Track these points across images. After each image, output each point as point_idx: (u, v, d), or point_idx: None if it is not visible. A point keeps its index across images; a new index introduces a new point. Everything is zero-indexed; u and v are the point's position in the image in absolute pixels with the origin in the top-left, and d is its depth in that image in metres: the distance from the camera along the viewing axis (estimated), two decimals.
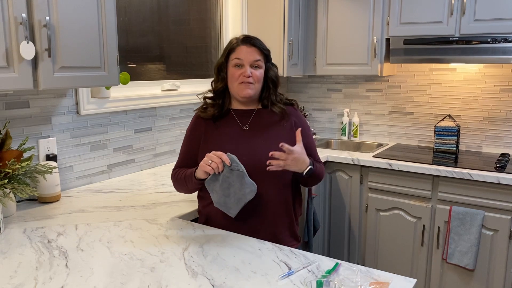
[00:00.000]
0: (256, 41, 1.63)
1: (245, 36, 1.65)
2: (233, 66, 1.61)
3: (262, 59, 1.63)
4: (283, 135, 1.65)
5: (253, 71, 1.60)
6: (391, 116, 3.30)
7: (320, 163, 1.74)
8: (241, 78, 1.60)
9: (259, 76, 1.62)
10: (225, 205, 1.54)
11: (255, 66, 1.61)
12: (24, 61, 1.46)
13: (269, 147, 1.56)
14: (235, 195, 1.52)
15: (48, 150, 1.98)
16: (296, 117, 1.72)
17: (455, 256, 2.49)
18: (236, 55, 1.61)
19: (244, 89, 1.61)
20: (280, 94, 1.73)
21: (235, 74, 1.61)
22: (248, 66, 1.60)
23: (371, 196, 2.80)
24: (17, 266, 1.28)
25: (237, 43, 1.62)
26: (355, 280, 1.18)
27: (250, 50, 1.61)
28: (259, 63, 1.61)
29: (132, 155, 2.42)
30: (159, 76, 2.68)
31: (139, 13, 2.52)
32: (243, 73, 1.59)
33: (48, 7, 1.51)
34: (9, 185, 1.52)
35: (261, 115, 1.68)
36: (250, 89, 1.61)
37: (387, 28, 2.91)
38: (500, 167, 2.47)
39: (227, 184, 1.51)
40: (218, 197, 1.53)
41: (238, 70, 1.60)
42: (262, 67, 1.63)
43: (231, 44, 1.64)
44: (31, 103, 1.92)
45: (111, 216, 1.72)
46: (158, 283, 1.18)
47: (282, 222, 1.66)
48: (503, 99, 2.89)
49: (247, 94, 1.61)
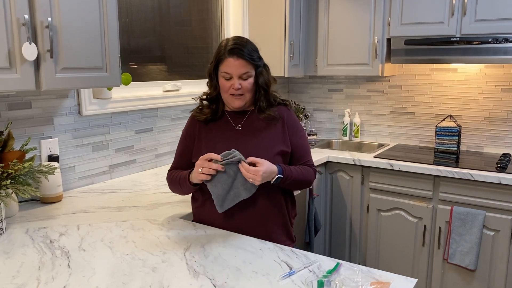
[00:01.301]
0: (243, 52, 1.57)
1: (233, 45, 1.58)
2: (222, 77, 1.61)
3: (251, 68, 1.60)
4: (275, 135, 1.66)
5: (242, 82, 1.59)
6: (392, 117, 3.31)
7: (308, 166, 1.71)
8: (231, 90, 1.60)
9: (248, 87, 1.61)
10: (222, 199, 1.54)
11: (244, 78, 1.60)
12: (26, 62, 1.47)
13: (260, 147, 1.60)
14: (236, 189, 1.53)
15: (50, 151, 1.99)
16: (288, 116, 1.71)
17: (456, 256, 2.49)
18: (224, 69, 1.59)
19: (234, 101, 1.62)
20: (274, 93, 1.72)
21: (225, 86, 1.61)
22: (237, 78, 1.59)
23: (372, 196, 2.80)
24: (19, 266, 1.29)
25: (225, 55, 1.58)
26: (356, 280, 1.19)
27: (238, 63, 1.57)
28: (247, 74, 1.60)
29: (133, 156, 2.42)
30: (160, 76, 2.68)
31: (141, 14, 2.53)
32: (232, 85, 1.59)
33: (50, 8, 1.52)
34: (12, 186, 1.53)
35: (255, 116, 1.69)
36: (241, 100, 1.62)
37: (388, 28, 2.92)
38: (501, 167, 2.47)
39: (229, 176, 1.51)
40: (220, 190, 1.54)
41: (228, 82, 1.60)
42: (252, 75, 1.62)
43: (219, 54, 1.60)
44: (33, 104, 1.92)
45: (113, 216, 1.73)
46: (159, 283, 1.18)
47: (274, 221, 1.65)
48: (504, 99, 2.89)
49: (237, 106, 1.64)
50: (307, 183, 1.71)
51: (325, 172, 2.96)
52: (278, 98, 1.73)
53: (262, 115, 1.66)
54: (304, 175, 1.67)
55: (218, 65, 1.62)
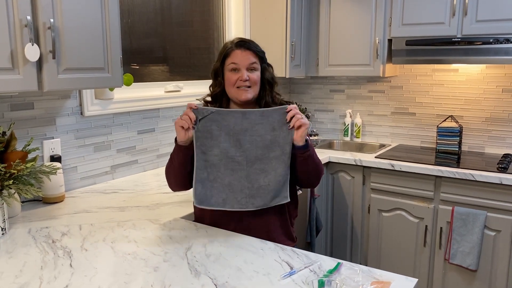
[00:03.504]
0: (250, 44, 1.63)
1: (240, 40, 1.64)
2: (230, 71, 1.62)
3: (258, 61, 1.64)
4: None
5: (249, 74, 1.61)
6: (394, 117, 3.31)
7: (318, 159, 1.69)
8: (238, 82, 1.60)
9: (256, 79, 1.62)
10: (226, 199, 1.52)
11: (251, 69, 1.61)
12: (29, 63, 1.48)
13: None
14: (242, 193, 1.51)
15: (53, 151, 2.00)
16: None
17: (457, 257, 2.49)
18: (232, 60, 1.61)
19: (242, 93, 1.61)
20: (278, 94, 1.72)
21: (232, 79, 1.61)
22: (245, 70, 1.60)
23: (374, 196, 2.80)
24: (22, 265, 1.29)
25: (232, 48, 1.62)
26: (357, 280, 1.19)
27: (245, 54, 1.61)
28: (255, 65, 1.62)
29: (135, 156, 2.43)
30: (162, 77, 2.69)
31: (143, 15, 2.54)
32: (240, 77, 1.60)
33: (52, 10, 1.53)
34: (14, 186, 1.54)
35: None
36: (249, 93, 1.62)
37: (389, 29, 2.92)
38: (502, 168, 2.47)
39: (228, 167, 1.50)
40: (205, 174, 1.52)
41: (235, 74, 1.61)
42: (258, 69, 1.64)
43: (225, 49, 1.63)
44: (36, 105, 1.93)
45: (115, 216, 1.74)
46: (161, 283, 1.19)
47: (274, 221, 1.65)
48: (506, 100, 2.88)
49: (246, 98, 1.62)
50: (319, 170, 1.66)
51: (327, 173, 2.97)
52: (283, 99, 1.73)
53: None
54: (318, 159, 1.65)
55: (225, 60, 1.63)
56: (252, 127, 1.53)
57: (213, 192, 1.53)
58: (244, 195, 1.53)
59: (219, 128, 1.52)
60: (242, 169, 1.53)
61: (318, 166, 1.65)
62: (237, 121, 1.52)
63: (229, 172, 1.53)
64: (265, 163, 1.53)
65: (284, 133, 1.52)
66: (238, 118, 1.52)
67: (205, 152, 1.53)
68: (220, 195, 1.53)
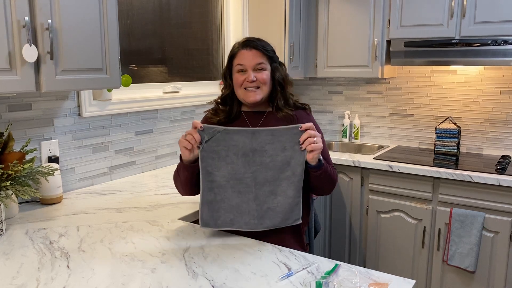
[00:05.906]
0: (257, 43, 1.59)
1: (246, 39, 1.61)
2: (237, 72, 1.59)
3: (266, 60, 1.59)
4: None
5: (257, 74, 1.57)
6: (392, 118, 3.31)
7: (332, 168, 1.66)
8: (245, 83, 1.57)
9: (265, 78, 1.57)
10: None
11: (259, 69, 1.57)
12: (27, 64, 1.47)
13: None
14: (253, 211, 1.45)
15: (50, 152, 2.00)
16: (308, 121, 1.60)
17: (455, 258, 2.49)
18: (238, 61, 1.58)
19: (250, 95, 1.58)
20: (292, 96, 1.67)
21: (238, 80, 1.58)
22: (251, 70, 1.56)
23: (372, 198, 2.80)
24: (19, 267, 1.29)
25: (238, 48, 1.59)
26: (354, 281, 1.19)
27: (251, 54, 1.57)
28: (262, 65, 1.58)
29: (133, 157, 2.43)
30: (160, 78, 2.69)
31: (141, 16, 2.54)
32: (247, 78, 1.56)
33: (50, 10, 1.53)
34: (12, 187, 1.53)
35: (272, 116, 1.64)
36: (257, 94, 1.58)
37: (388, 30, 2.92)
38: (500, 169, 2.47)
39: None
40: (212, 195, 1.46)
41: (242, 75, 1.57)
42: (267, 68, 1.59)
43: (233, 50, 1.61)
44: (34, 106, 1.93)
45: (113, 217, 1.74)
46: (159, 284, 1.18)
47: (285, 228, 1.57)
48: (504, 101, 2.89)
49: (254, 100, 1.58)
50: (333, 182, 1.63)
51: None
52: (297, 101, 1.68)
53: (280, 114, 1.62)
54: (332, 172, 1.61)
55: (232, 61, 1.60)
56: (261, 147, 1.44)
57: (220, 213, 1.47)
58: (252, 217, 1.47)
59: (227, 148, 1.45)
60: (251, 191, 1.46)
61: (332, 179, 1.60)
62: (246, 141, 1.44)
63: (237, 194, 1.46)
64: (275, 185, 1.46)
65: (295, 154, 1.44)
66: (247, 137, 1.44)
67: (211, 172, 1.46)
68: (228, 215, 1.48)
